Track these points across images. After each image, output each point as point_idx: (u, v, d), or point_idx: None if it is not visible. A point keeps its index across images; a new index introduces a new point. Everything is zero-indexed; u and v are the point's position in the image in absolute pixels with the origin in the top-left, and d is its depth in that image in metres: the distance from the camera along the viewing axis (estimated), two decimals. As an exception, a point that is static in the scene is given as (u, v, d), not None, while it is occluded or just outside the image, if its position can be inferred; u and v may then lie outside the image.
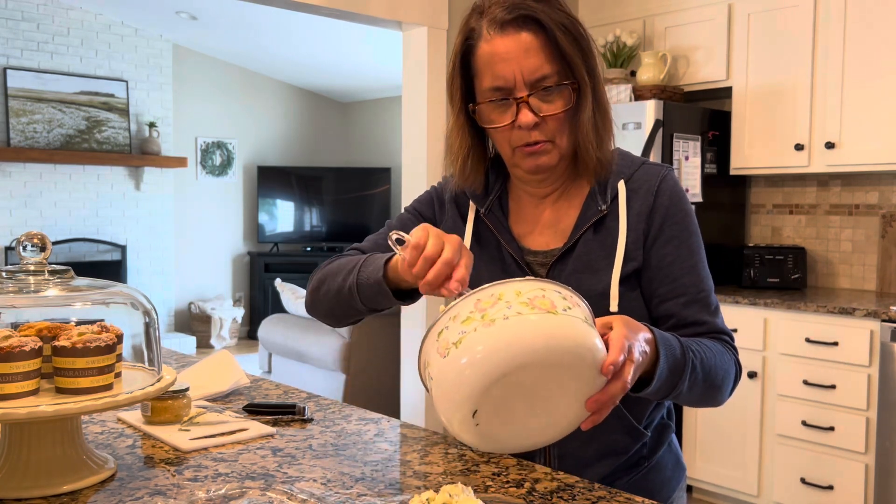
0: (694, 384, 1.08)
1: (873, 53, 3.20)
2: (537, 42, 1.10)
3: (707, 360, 1.10)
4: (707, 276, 1.20)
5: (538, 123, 1.12)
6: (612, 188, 1.19)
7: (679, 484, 1.29)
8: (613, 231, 1.18)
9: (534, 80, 1.10)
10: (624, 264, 1.16)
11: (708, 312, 1.18)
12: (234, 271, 7.65)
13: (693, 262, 1.18)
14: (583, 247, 1.18)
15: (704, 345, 1.12)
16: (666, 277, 1.17)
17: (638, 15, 3.93)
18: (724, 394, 1.16)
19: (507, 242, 1.23)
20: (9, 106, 5.92)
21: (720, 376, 1.13)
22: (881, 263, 3.54)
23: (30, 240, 1.07)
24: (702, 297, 1.17)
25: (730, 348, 1.18)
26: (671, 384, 1.04)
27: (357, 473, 1.10)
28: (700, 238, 1.22)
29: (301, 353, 4.40)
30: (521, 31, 1.10)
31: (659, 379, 1.01)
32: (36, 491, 1.00)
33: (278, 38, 6.39)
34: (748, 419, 3.31)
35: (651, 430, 1.23)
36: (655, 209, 1.18)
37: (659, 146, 3.45)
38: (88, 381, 1.01)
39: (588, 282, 1.16)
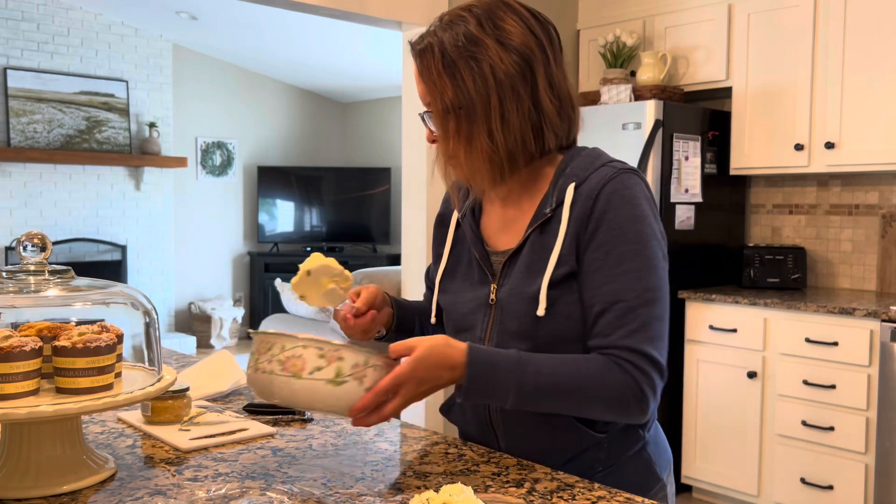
0: (534, 403, 1.10)
1: (873, 53, 3.20)
2: (418, 70, 1.19)
3: (556, 382, 1.09)
4: (640, 288, 1.12)
5: (435, 140, 1.22)
6: (561, 191, 1.18)
7: (649, 493, 1.23)
8: (555, 233, 1.17)
9: (425, 101, 1.20)
10: (556, 268, 1.15)
11: (620, 326, 1.11)
12: (235, 271, 7.65)
13: (620, 270, 1.12)
14: (528, 248, 1.20)
15: (568, 366, 1.10)
16: (590, 284, 1.14)
17: (638, 15, 3.93)
18: (604, 414, 1.13)
19: (474, 244, 1.28)
20: (9, 106, 5.92)
21: (583, 399, 1.10)
22: (881, 263, 3.54)
23: (30, 240, 1.07)
24: (617, 309, 1.11)
25: (625, 368, 1.10)
26: (493, 399, 1.10)
27: (357, 473, 1.10)
28: (645, 246, 1.13)
29: (301, 353, 4.40)
30: (415, 59, 1.20)
31: (468, 395, 1.09)
32: (36, 491, 1.00)
33: (278, 38, 6.39)
34: (748, 419, 3.31)
35: (609, 435, 1.20)
36: (593, 213, 1.15)
37: (659, 146, 3.46)
38: (88, 381, 1.01)
39: (523, 283, 1.18)
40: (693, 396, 3.50)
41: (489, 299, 1.23)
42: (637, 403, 1.11)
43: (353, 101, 8.34)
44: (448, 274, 1.32)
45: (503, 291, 1.21)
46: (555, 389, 1.09)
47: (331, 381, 1.02)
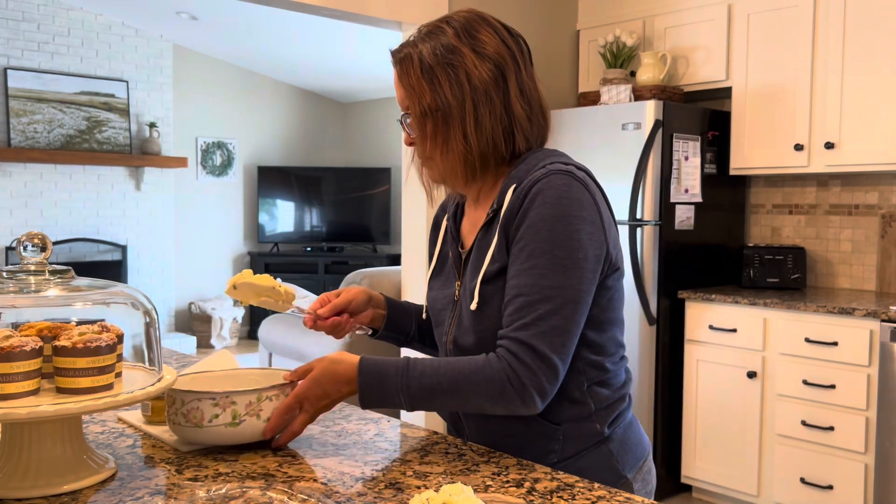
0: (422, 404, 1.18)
1: (873, 53, 3.20)
2: (397, 76, 1.26)
3: (437, 383, 1.16)
4: (541, 285, 1.14)
5: (412, 143, 1.30)
6: (502, 193, 1.24)
7: None
8: (493, 233, 1.25)
9: (401, 106, 1.28)
10: (489, 265, 1.23)
11: (515, 319, 1.15)
12: (235, 271, 7.65)
13: (527, 266, 1.15)
14: (475, 247, 1.29)
15: (448, 366, 1.17)
16: (507, 279, 1.20)
17: (638, 15, 3.93)
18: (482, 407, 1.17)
19: (450, 244, 1.37)
20: (9, 106, 5.92)
21: (463, 395, 1.16)
22: (881, 263, 3.54)
23: (30, 240, 1.07)
24: (516, 301, 1.15)
25: (500, 359, 1.14)
26: (386, 404, 1.20)
27: (357, 473, 1.10)
28: (556, 245, 1.15)
29: (301, 353, 4.40)
30: (395, 68, 1.27)
31: (364, 403, 1.20)
32: (36, 491, 1.00)
33: (278, 38, 6.39)
34: (748, 419, 3.31)
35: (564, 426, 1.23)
36: (521, 211, 1.19)
37: (659, 146, 3.46)
38: (89, 381, 1.01)
39: (469, 280, 1.27)
40: (693, 396, 3.50)
41: (454, 296, 1.32)
42: (519, 396, 1.14)
43: (353, 101, 8.34)
44: (435, 274, 1.40)
45: (462, 289, 1.30)
46: (438, 389, 1.17)
47: (230, 424, 1.15)
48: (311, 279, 7.43)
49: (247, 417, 1.16)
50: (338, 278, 7.01)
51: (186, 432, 1.17)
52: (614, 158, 3.54)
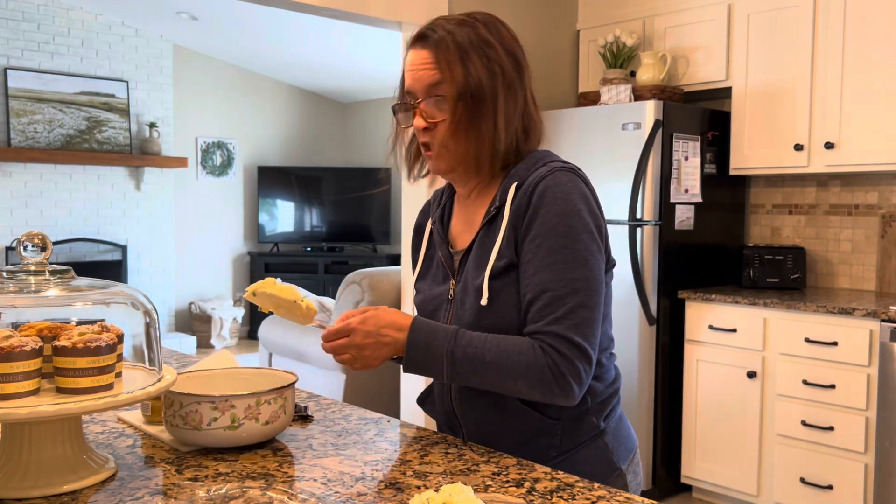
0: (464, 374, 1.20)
1: (873, 53, 3.20)
2: (431, 57, 1.25)
3: (481, 354, 1.19)
4: (567, 279, 1.18)
5: (428, 128, 1.27)
6: (504, 191, 1.27)
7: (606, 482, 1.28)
8: (497, 230, 1.27)
9: (426, 87, 1.25)
10: (496, 261, 1.25)
11: (548, 314, 1.18)
12: (235, 271, 7.65)
13: (550, 261, 1.19)
14: (477, 244, 1.30)
15: (495, 341, 1.19)
16: (523, 275, 1.22)
17: (638, 15, 3.93)
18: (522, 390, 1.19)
19: (439, 246, 1.38)
20: (9, 106, 5.92)
21: (502, 372, 1.18)
22: (880, 263, 3.54)
23: (30, 240, 1.07)
24: (545, 297, 1.18)
25: (545, 350, 1.17)
26: (430, 369, 1.21)
27: (357, 473, 1.10)
28: (573, 239, 1.19)
29: (301, 353, 4.40)
30: (423, 48, 1.26)
31: (408, 362, 1.21)
32: (36, 491, 1.00)
33: (279, 39, 6.39)
34: (748, 419, 3.31)
35: (563, 421, 1.26)
36: (529, 208, 1.23)
37: (659, 146, 3.46)
38: (89, 381, 1.01)
39: (472, 276, 1.28)
40: (693, 396, 3.50)
41: (448, 295, 1.33)
42: (559, 386, 1.17)
43: (353, 101, 8.34)
44: (421, 277, 1.42)
45: (459, 287, 1.31)
46: (481, 361, 1.18)
47: (229, 427, 1.16)
48: (311, 279, 7.43)
49: (245, 421, 1.17)
50: (338, 278, 7.01)
51: (184, 434, 1.17)
52: (614, 158, 3.54)
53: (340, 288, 4.22)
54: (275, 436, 1.23)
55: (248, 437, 1.18)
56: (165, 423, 1.20)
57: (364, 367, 1.23)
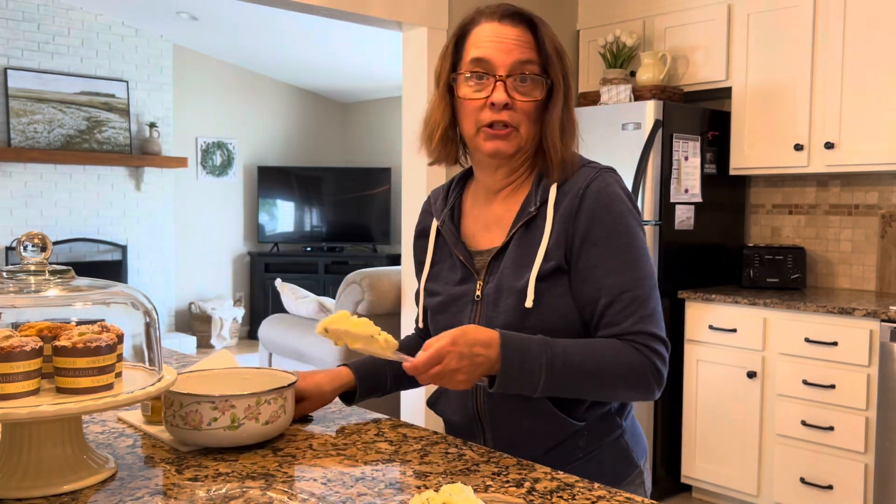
0: (563, 384, 1.17)
1: (873, 53, 3.20)
2: (527, 37, 1.24)
3: (582, 362, 1.16)
4: (638, 275, 1.21)
5: (508, 105, 1.23)
6: (545, 190, 1.26)
7: (627, 479, 1.31)
8: (541, 230, 1.25)
9: (516, 63, 1.22)
10: (543, 263, 1.22)
11: (629, 312, 1.19)
12: (235, 271, 7.65)
13: (619, 262, 1.21)
14: (514, 245, 1.27)
15: (592, 347, 1.18)
16: (592, 280, 1.21)
17: (638, 15, 3.93)
18: (624, 393, 1.20)
19: (455, 245, 1.34)
20: (9, 106, 5.92)
21: (604, 378, 1.18)
22: (880, 263, 3.54)
23: (30, 240, 1.07)
24: (624, 298, 1.20)
25: (640, 350, 1.19)
26: (525, 383, 1.15)
27: (357, 473, 1.10)
28: (634, 237, 1.23)
29: (301, 353, 4.40)
30: (517, 26, 1.24)
31: (503, 379, 1.14)
32: (36, 491, 1.00)
33: (279, 39, 6.39)
34: (748, 419, 3.31)
35: (588, 423, 1.26)
36: (581, 211, 1.22)
37: (658, 146, 3.46)
38: (89, 381, 1.01)
39: (511, 278, 1.25)
40: (693, 396, 3.50)
41: (475, 295, 1.30)
42: (656, 381, 1.20)
43: (353, 101, 8.34)
44: (432, 279, 1.38)
45: (489, 287, 1.28)
46: (581, 367, 1.16)
47: (229, 427, 1.16)
48: (311, 279, 7.43)
49: (245, 421, 1.17)
50: (338, 278, 7.01)
51: (184, 434, 1.17)
52: (614, 159, 3.54)
53: (340, 288, 4.22)
54: (275, 436, 1.23)
55: (248, 437, 1.18)
56: (165, 423, 1.19)
57: (455, 387, 1.16)
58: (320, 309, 4.48)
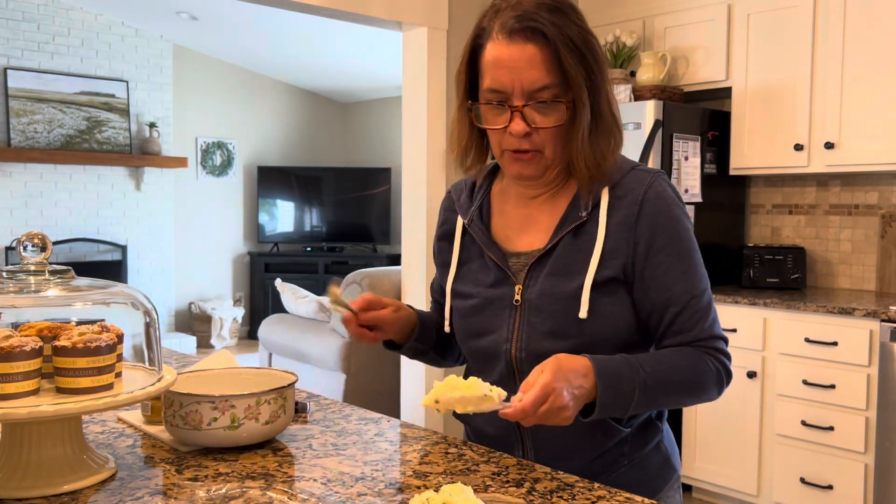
0: (652, 404, 1.16)
1: (873, 53, 3.20)
2: (540, 55, 1.13)
3: (668, 379, 1.15)
4: (700, 279, 1.20)
5: (529, 133, 1.16)
6: (596, 194, 1.21)
7: (668, 483, 1.30)
8: (592, 236, 1.19)
9: (531, 91, 1.14)
10: (598, 271, 1.18)
11: (697, 318, 1.19)
12: (235, 271, 7.65)
13: (684, 267, 1.19)
14: (561, 250, 1.21)
15: (672, 360, 1.17)
16: (659, 288, 1.19)
17: (638, 15, 3.93)
18: (702, 399, 1.20)
19: (487, 247, 1.27)
20: (9, 106, 5.92)
21: (690, 388, 1.18)
22: (880, 263, 3.54)
23: (30, 240, 1.07)
24: (693, 304, 1.19)
25: (712, 354, 1.19)
26: (620, 406, 1.12)
27: (357, 473, 1.10)
28: (692, 240, 1.22)
29: (301, 352, 4.40)
30: (528, 43, 1.13)
31: (602, 407, 1.09)
32: (36, 491, 1.00)
33: (279, 39, 6.39)
34: (748, 419, 3.31)
35: (632, 430, 1.24)
36: (642, 218, 1.18)
37: (658, 146, 3.46)
38: (89, 381, 1.01)
39: (561, 285, 1.19)
40: (693, 396, 3.49)
41: (513, 300, 1.23)
42: (727, 382, 1.21)
43: (353, 101, 8.34)
44: (460, 280, 1.31)
45: (531, 292, 1.22)
46: (668, 384, 1.15)
47: (229, 427, 1.16)
48: (311, 279, 7.43)
49: (245, 421, 1.17)
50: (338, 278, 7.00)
51: (184, 434, 1.17)
52: (614, 158, 3.53)
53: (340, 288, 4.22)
54: (275, 436, 1.23)
55: (248, 437, 1.18)
56: (165, 423, 1.19)
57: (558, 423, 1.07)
58: (320, 309, 4.48)
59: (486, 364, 1.28)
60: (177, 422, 1.17)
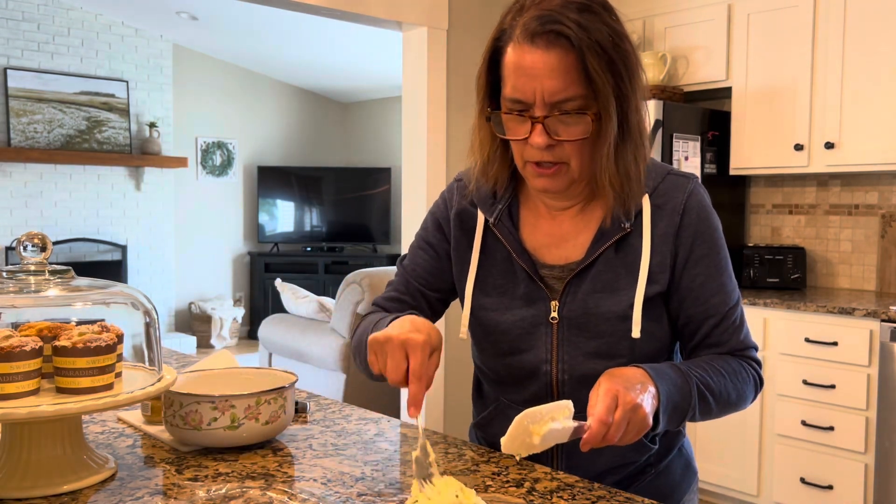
0: (706, 411, 1.13)
1: (873, 53, 3.20)
2: (565, 63, 1.02)
3: (718, 385, 1.13)
4: (734, 290, 1.19)
5: (551, 146, 1.06)
6: (637, 203, 1.14)
7: (690, 487, 1.29)
8: (636, 249, 1.13)
9: (553, 102, 1.04)
10: (647, 287, 1.13)
11: (734, 330, 1.18)
12: (235, 271, 7.65)
13: (722, 280, 1.17)
14: (602, 265, 1.14)
15: (717, 368, 1.14)
16: (697, 299, 1.16)
17: (638, 15, 3.93)
18: (741, 408, 1.20)
19: (518, 254, 1.17)
20: (9, 106, 5.92)
21: (734, 396, 1.15)
22: (881, 263, 3.54)
23: (30, 240, 1.07)
24: (729, 314, 1.18)
25: (749, 364, 1.19)
26: (679, 418, 1.08)
27: (357, 473, 1.10)
28: (726, 250, 1.19)
29: (301, 352, 4.40)
30: (551, 49, 1.02)
31: (664, 416, 1.05)
32: (36, 491, 1.00)
33: (278, 38, 6.39)
34: (748, 419, 3.31)
35: (658, 440, 1.22)
36: (683, 228, 1.14)
37: (659, 146, 3.46)
38: (89, 381, 1.01)
39: (607, 303, 1.13)
40: (693, 396, 3.50)
41: (549, 317, 1.16)
42: (760, 391, 1.21)
43: (353, 101, 8.34)
44: (479, 286, 1.20)
45: (571, 309, 1.15)
46: (719, 395, 1.13)
47: (229, 427, 1.16)
48: (311, 279, 7.43)
49: (245, 421, 1.17)
50: (338, 278, 7.01)
51: (184, 434, 1.17)
52: (614, 158, 3.54)
53: (340, 288, 4.22)
54: (275, 436, 1.23)
55: (248, 437, 1.18)
56: (165, 423, 1.19)
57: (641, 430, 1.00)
58: (320, 309, 4.48)
59: (516, 383, 1.20)
60: (177, 422, 1.17)
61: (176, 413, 1.17)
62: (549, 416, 0.98)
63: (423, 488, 0.94)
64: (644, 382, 1.02)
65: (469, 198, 1.23)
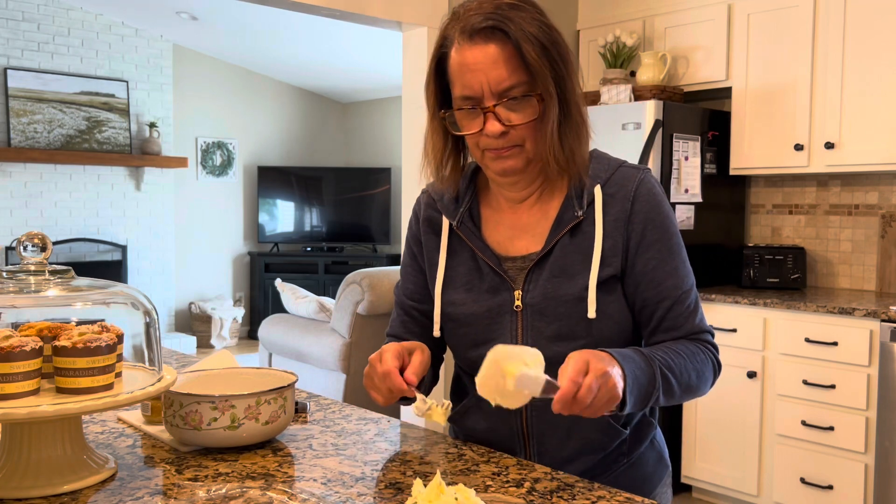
0: (670, 393, 1.15)
1: (873, 53, 3.20)
2: (504, 53, 1.12)
3: (679, 367, 1.16)
4: (687, 275, 1.23)
5: (505, 132, 1.15)
6: (589, 193, 1.21)
7: (662, 480, 1.32)
8: (590, 236, 1.20)
9: (500, 90, 1.13)
10: (600, 270, 1.18)
11: (688, 314, 1.21)
12: (235, 271, 7.65)
13: (675, 264, 1.21)
14: (559, 251, 1.21)
15: (676, 351, 1.17)
16: (650, 283, 1.20)
17: (638, 15, 3.93)
18: (701, 392, 1.22)
19: (482, 251, 1.24)
20: (9, 106, 5.92)
21: (695, 378, 1.18)
22: (881, 263, 3.54)
23: (30, 240, 1.07)
24: (682, 298, 1.21)
25: (706, 347, 1.22)
26: (644, 400, 1.11)
27: (357, 473, 1.10)
28: (679, 237, 1.24)
29: (301, 352, 4.40)
30: (489, 43, 1.12)
31: (631, 396, 1.08)
32: (36, 491, 1.00)
33: (278, 38, 6.39)
34: (748, 419, 3.31)
35: (630, 428, 1.25)
36: (634, 214, 1.20)
37: (659, 146, 3.46)
38: (89, 381, 1.01)
39: (565, 286, 1.19)
40: (693, 396, 3.50)
41: (513, 306, 1.21)
42: (718, 375, 1.24)
43: (353, 101, 8.34)
44: (450, 285, 1.27)
45: (533, 296, 1.20)
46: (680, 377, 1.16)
47: (229, 427, 1.16)
48: (311, 279, 7.43)
49: (245, 421, 1.17)
50: (338, 278, 7.01)
51: (184, 434, 1.17)
52: (614, 158, 3.53)
53: (340, 288, 4.22)
54: (275, 436, 1.23)
55: (248, 437, 1.18)
56: (165, 423, 1.19)
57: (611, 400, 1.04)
58: (320, 309, 4.48)
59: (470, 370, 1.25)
60: (177, 422, 1.17)
61: (176, 413, 1.17)
62: (520, 359, 1.01)
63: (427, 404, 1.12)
64: (611, 362, 1.06)
65: (434, 205, 1.33)
